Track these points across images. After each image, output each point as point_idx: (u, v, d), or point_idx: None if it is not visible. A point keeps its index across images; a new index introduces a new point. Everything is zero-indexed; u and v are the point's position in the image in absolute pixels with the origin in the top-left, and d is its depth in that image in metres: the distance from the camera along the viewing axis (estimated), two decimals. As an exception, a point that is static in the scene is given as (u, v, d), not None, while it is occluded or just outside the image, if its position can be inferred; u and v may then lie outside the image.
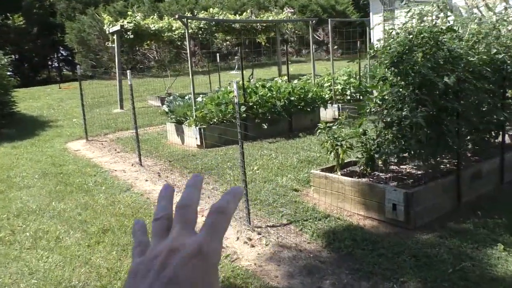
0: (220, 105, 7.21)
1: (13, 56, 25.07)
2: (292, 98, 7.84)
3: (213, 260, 0.42)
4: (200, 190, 0.49)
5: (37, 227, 4.46)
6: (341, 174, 4.55)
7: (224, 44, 16.03)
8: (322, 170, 4.77)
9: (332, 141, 4.55)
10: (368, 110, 4.42)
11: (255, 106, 7.50)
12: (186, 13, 13.54)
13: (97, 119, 10.78)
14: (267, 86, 7.88)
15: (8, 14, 22.42)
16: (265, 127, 7.38)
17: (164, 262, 0.41)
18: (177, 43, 12.46)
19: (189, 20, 12.88)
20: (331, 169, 4.75)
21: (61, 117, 11.74)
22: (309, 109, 8.11)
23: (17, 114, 11.40)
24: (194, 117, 7.06)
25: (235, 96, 4.16)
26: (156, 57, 21.55)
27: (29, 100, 14.75)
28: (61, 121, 11.09)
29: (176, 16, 6.68)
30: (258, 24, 14.40)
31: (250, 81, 15.86)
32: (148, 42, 13.32)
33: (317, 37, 26.62)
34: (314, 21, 8.99)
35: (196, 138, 7.14)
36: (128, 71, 6.56)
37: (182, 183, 5.64)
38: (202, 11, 15.87)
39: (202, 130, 7.04)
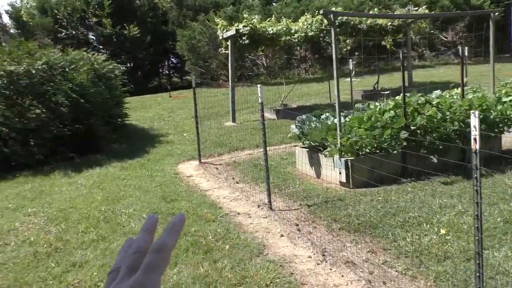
0: (374, 129, 5.35)
1: (128, 64, 26.01)
2: (469, 120, 5.67)
3: None
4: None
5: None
6: None
7: (345, 48, 14.08)
8: None
9: None
10: None
11: (419, 131, 5.51)
12: (308, 14, 11.88)
13: (208, 135, 9.63)
14: (433, 102, 5.82)
15: (124, 24, 23.08)
16: (434, 160, 5.34)
17: None
18: (296, 48, 10.84)
19: (311, 20, 11.24)
20: None
21: (172, 130, 10.87)
22: (492, 134, 5.86)
23: (128, 127, 10.80)
24: (339, 145, 5.30)
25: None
26: (265, 64, 20.41)
27: (140, 110, 14.40)
28: (171, 135, 10.17)
29: (321, 12, 5.00)
30: (388, 24, 12.22)
31: (375, 88, 13.74)
32: (263, 47, 11.94)
33: (443, 38, 23.31)
34: (496, 13, 6.67)
35: (340, 173, 5.37)
36: (258, 86, 5.06)
37: (332, 247, 3.92)
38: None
39: (349, 162, 5.25)
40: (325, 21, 11.19)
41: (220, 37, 11.60)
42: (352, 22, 11.60)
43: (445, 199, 4.68)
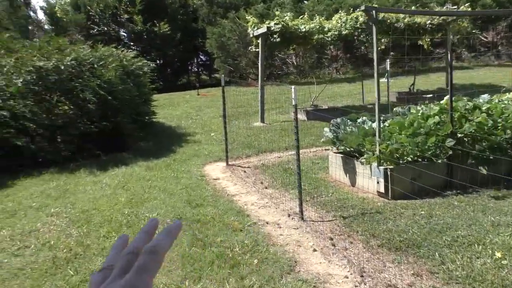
0: (416, 136, 4.91)
1: (158, 61, 26.11)
2: (523, 128, 5.16)
3: None
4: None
5: None
6: None
7: (379, 47, 13.50)
8: None
9: None
10: None
11: (466, 139, 5.03)
12: (346, 11, 11.41)
13: (236, 135, 9.36)
14: (482, 108, 5.32)
15: (155, 21, 23.13)
16: (484, 171, 4.86)
17: None
18: (329, 47, 10.42)
19: (345, 18, 10.78)
20: None
21: (199, 129, 10.66)
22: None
23: (155, 124, 10.66)
24: (378, 152, 4.89)
25: None
26: (295, 63, 19.99)
27: (168, 108, 14.29)
28: (198, 135, 9.95)
29: (362, 8, 4.60)
30: (427, 22, 11.61)
31: (411, 90, 13.12)
32: (294, 46, 11.56)
33: (483, 38, 22.27)
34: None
35: (378, 182, 4.96)
36: (292, 88, 4.73)
37: (371, 266, 3.54)
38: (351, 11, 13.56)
39: (388, 171, 4.84)
40: (360, 19, 10.72)
41: (251, 35, 11.31)
42: (388, 21, 11.06)
43: (498, 216, 4.21)
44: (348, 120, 5.81)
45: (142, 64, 9.62)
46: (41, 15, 23.32)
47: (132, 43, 24.65)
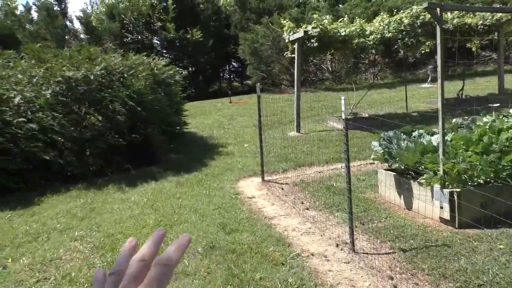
0: (488, 153, 4.18)
1: (190, 69, 25.98)
2: None
3: None
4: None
5: None
6: None
7: (423, 50, 12.65)
8: None
9: None
10: None
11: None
12: (384, 13, 10.67)
13: (271, 146, 8.79)
14: None
15: (188, 28, 23.00)
16: None
17: None
18: (371, 51, 9.72)
19: (388, 21, 10.06)
20: None
21: (231, 139, 10.16)
22: None
23: (186, 135, 10.25)
24: (442, 172, 4.19)
25: None
26: (330, 68, 19.26)
27: (200, 116, 13.91)
28: (231, 146, 9.45)
29: (424, 5, 3.95)
30: (479, 23, 10.68)
31: (459, 97, 12.17)
32: (332, 51, 10.91)
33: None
34: None
35: (442, 207, 4.25)
36: (342, 99, 4.13)
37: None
38: (387, 13, 12.71)
39: (455, 195, 4.13)
40: (405, 20, 9.97)
41: (286, 40, 10.75)
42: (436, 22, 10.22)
43: None
44: (402, 134, 5.12)
45: (173, 73, 9.23)
46: (77, 25, 23.64)
47: (164, 51, 24.64)
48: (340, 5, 21.11)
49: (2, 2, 29.17)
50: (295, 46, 10.30)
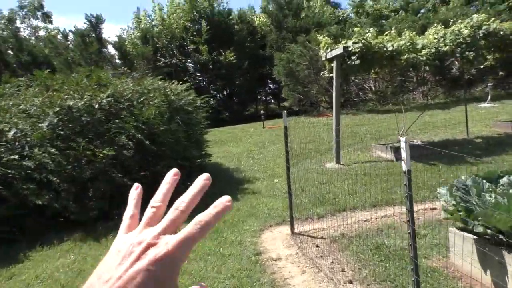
0: None
1: (224, 92, 25.15)
2: None
3: (179, 264, 0.48)
4: (202, 194, 0.54)
5: None
6: None
7: (483, 65, 10.91)
8: None
9: None
10: None
11: None
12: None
13: (305, 182, 7.42)
14: None
15: (221, 50, 22.25)
16: None
17: (142, 253, 0.47)
18: (424, 67, 8.22)
19: (443, 33, 8.54)
20: None
21: (260, 173, 8.87)
22: None
23: (210, 166, 9.06)
24: None
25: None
26: (373, 88, 17.67)
27: (229, 144, 12.75)
28: (259, 181, 8.15)
29: None
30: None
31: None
32: (377, 69, 9.47)
33: None
34: None
35: None
36: (402, 139, 2.76)
37: None
38: (438, 25, 11.06)
39: None
40: (464, 31, 8.42)
41: (323, 58, 9.44)
42: (502, 32, 8.60)
43: None
44: (484, 181, 3.63)
45: (193, 99, 8.13)
46: (112, 50, 23.53)
47: (198, 74, 24.00)
48: (384, 21, 19.60)
49: (44, 33, 30.00)
50: (333, 64, 8.97)
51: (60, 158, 6.08)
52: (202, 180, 0.55)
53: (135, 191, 0.59)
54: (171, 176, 0.58)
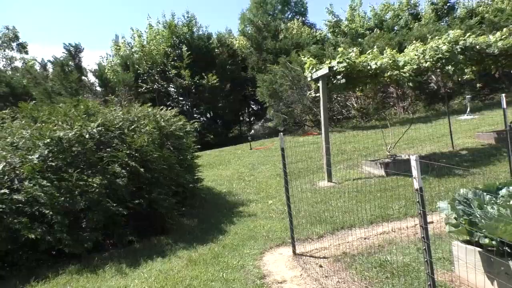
0: None
1: (207, 115, 25.19)
2: None
3: None
4: None
5: None
6: None
7: (462, 78, 11.30)
8: None
9: None
10: None
11: None
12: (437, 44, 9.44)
13: (299, 202, 7.44)
14: None
15: (203, 74, 22.40)
16: None
17: None
18: (408, 84, 8.44)
19: (422, 49, 8.84)
20: None
21: (253, 195, 8.84)
22: None
23: (202, 191, 9.00)
24: None
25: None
26: (355, 105, 18.01)
27: (218, 167, 12.71)
28: (253, 204, 8.12)
29: None
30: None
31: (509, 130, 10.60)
32: (361, 87, 9.68)
33: None
34: None
35: None
36: (413, 158, 2.82)
37: None
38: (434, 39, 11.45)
39: None
40: (443, 47, 8.73)
41: (309, 78, 9.61)
42: (478, 46, 8.95)
43: None
44: (485, 193, 3.71)
45: (182, 124, 8.12)
46: (92, 78, 23.38)
47: (181, 98, 24.03)
48: (360, 39, 20.13)
49: (21, 63, 29.64)
50: (319, 84, 9.13)
51: (52, 190, 5.95)
52: None
53: None
54: None
